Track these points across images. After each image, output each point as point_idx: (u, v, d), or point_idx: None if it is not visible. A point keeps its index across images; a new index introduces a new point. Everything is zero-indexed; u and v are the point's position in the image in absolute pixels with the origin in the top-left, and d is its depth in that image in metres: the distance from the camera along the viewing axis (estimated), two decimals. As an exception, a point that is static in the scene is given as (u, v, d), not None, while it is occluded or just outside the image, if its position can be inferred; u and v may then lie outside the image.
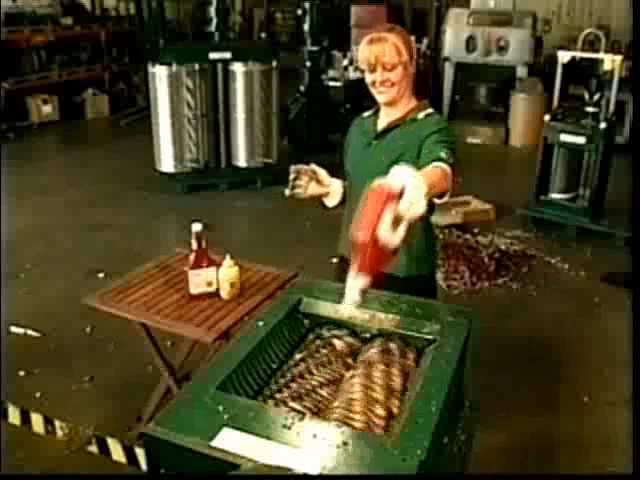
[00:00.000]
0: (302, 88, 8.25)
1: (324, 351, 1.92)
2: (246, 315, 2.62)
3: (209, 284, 2.71)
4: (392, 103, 2.34)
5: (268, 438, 1.47)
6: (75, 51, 10.23)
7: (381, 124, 2.42)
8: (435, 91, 9.08)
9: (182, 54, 6.49)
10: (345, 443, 1.45)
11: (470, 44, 8.88)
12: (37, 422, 3.26)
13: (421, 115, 2.34)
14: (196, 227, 2.68)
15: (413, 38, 8.97)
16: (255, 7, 14.28)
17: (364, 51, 2.26)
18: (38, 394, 3.48)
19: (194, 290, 2.71)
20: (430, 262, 2.58)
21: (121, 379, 3.62)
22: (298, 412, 1.60)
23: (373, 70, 2.26)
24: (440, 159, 2.04)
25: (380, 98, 2.34)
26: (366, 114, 2.53)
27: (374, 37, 2.24)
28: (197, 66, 6.41)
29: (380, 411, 1.64)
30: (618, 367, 3.83)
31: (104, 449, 3.09)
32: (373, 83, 2.29)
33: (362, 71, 2.34)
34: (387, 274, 2.43)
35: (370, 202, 1.66)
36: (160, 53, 6.56)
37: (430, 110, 2.38)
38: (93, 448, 3.10)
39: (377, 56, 2.22)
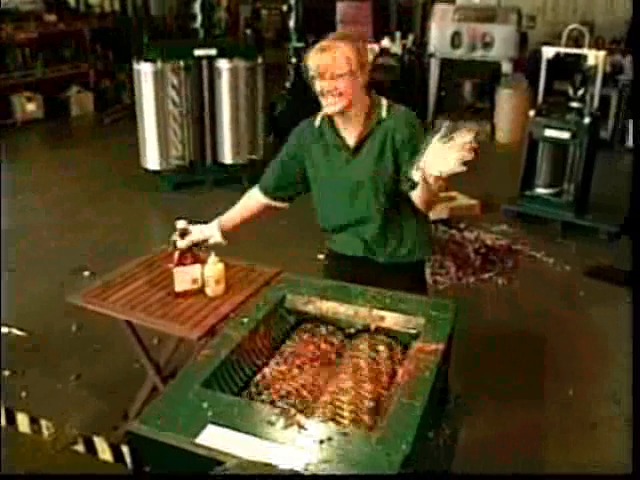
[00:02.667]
0: (288, 84, 8.23)
1: (309, 348, 1.93)
2: (231, 312, 2.61)
3: (194, 281, 2.71)
4: (342, 113, 2.33)
5: (253, 434, 1.48)
6: (59, 48, 10.15)
7: (349, 136, 2.40)
8: (421, 87, 9.08)
9: (167, 51, 6.44)
10: (330, 439, 1.46)
11: (455, 40, 8.88)
12: (23, 422, 3.24)
13: (384, 113, 2.35)
14: (180, 224, 2.67)
15: (399, 34, 8.94)
16: (240, 3, 14.22)
17: (313, 59, 2.26)
18: (24, 394, 3.46)
19: (179, 287, 2.71)
20: (419, 250, 2.58)
21: (107, 377, 3.60)
22: (282, 408, 1.60)
23: (321, 78, 2.25)
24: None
25: (328, 109, 2.32)
26: (316, 123, 2.49)
27: (324, 45, 2.25)
28: (182, 63, 6.37)
29: (365, 407, 1.65)
30: (603, 360, 3.87)
31: (90, 448, 3.07)
32: (321, 91, 2.28)
33: (312, 77, 2.32)
34: (374, 261, 2.48)
35: None
36: (145, 50, 6.51)
37: (384, 102, 2.38)
38: (79, 447, 3.08)
39: (325, 65, 2.22)
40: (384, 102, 2.39)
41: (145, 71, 6.30)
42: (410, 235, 2.48)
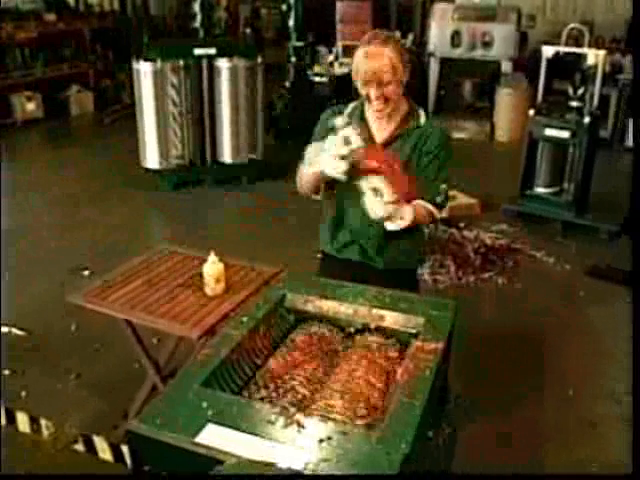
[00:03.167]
0: (287, 84, 8.24)
1: (308, 347, 1.92)
2: (231, 311, 2.61)
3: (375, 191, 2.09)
4: (390, 116, 2.34)
5: (253, 434, 1.48)
6: (59, 48, 10.14)
7: (379, 131, 2.39)
8: (420, 86, 9.08)
9: (167, 50, 6.44)
10: (329, 438, 1.46)
11: (455, 39, 8.89)
12: (22, 421, 3.24)
13: (422, 121, 2.37)
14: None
15: (398, 34, 8.94)
16: (240, 3, 14.23)
17: (360, 64, 2.24)
18: (24, 393, 3.46)
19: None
20: (415, 258, 2.60)
21: (107, 377, 3.60)
22: (282, 407, 1.60)
23: (368, 85, 2.24)
24: (434, 202, 2.30)
25: (377, 115, 2.33)
26: (347, 111, 2.45)
27: (370, 52, 2.21)
28: (182, 62, 6.37)
29: (363, 405, 1.65)
30: (603, 360, 3.87)
31: (90, 447, 3.07)
32: (367, 96, 2.28)
33: (356, 81, 2.29)
34: (370, 266, 2.45)
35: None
36: (145, 49, 6.51)
37: (422, 112, 2.41)
38: (79, 446, 3.08)
39: (373, 72, 2.21)
40: (422, 112, 2.41)
41: (145, 70, 6.30)
42: (409, 242, 2.46)
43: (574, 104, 5.56)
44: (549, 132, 5.59)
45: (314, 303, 2.11)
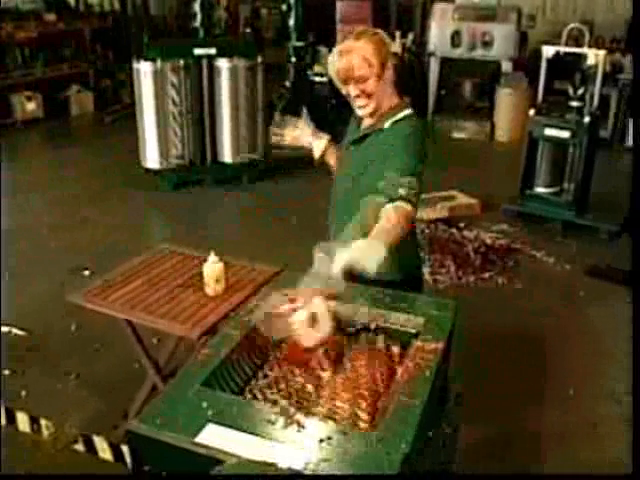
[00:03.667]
0: (287, 84, 8.24)
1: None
2: (231, 311, 2.61)
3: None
4: (373, 114, 2.23)
5: (253, 434, 1.47)
6: (59, 47, 10.14)
7: (362, 128, 2.33)
8: (420, 86, 9.08)
9: (167, 50, 6.45)
10: (329, 438, 1.46)
11: (455, 39, 8.90)
12: (23, 421, 3.24)
13: (387, 124, 2.20)
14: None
15: (398, 34, 8.90)
16: (240, 3, 14.22)
17: (333, 65, 2.16)
18: (24, 393, 3.46)
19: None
20: (409, 265, 2.41)
21: (107, 377, 3.60)
22: (282, 408, 1.60)
23: (346, 83, 2.17)
24: (400, 198, 2.00)
25: (361, 112, 2.23)
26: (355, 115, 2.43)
27: (342, 49, 2.14)
28: (182, 62, 6.38)
29: (364, 406, 1.65)
30: (603, 360, 3.87)
31: (90, 447, 3.07)
32: (348, 96, 2.21)
33: (335, 83, 2.22)
34: (365, 278, 2.30)
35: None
36: (145, 49, 6.51)
37: (402, 114, 2.22)
38: (79, 446, 3.08)
39: (346, 69, 2.13)
40: (405, 113, 2.22)
41: (145, 70, 6.30)
42: (398, 250, 2.16)
43: (574, 104, 5.56)
44: (549, 132, 5.60)
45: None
